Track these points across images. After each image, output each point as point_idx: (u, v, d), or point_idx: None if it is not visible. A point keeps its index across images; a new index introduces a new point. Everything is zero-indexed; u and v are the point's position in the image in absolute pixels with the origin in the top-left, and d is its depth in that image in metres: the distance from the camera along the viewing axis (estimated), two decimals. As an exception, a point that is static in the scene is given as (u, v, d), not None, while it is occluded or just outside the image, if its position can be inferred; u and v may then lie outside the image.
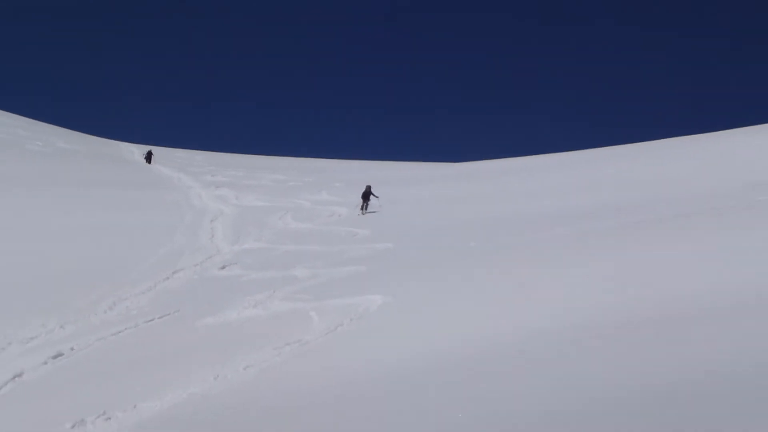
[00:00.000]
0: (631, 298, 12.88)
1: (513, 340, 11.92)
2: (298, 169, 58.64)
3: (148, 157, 62.56)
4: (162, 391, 12.59)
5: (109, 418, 11.55)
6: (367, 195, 37.08)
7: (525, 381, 9.70)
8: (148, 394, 12.51)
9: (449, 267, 20.73)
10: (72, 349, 16.51)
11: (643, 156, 49.08)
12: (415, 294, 17.35)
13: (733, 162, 38.44)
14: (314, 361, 13.51)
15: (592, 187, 36.31)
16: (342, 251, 25.75)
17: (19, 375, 15.02)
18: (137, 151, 69.42)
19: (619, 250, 17.75)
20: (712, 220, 20.03)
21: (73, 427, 11.32)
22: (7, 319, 18.50)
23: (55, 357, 16.02)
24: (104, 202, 37.52)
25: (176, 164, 59.29)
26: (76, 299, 20.66)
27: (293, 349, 14.30)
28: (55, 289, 21.71)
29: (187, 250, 27.92)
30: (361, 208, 36.67)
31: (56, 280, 22.87)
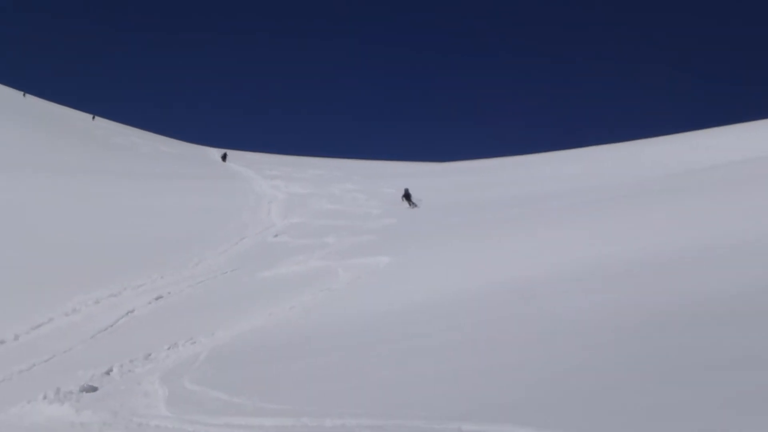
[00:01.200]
0: (577, 257, 12.89)
1: (486, 285, 11.98)
2: (329, 167, 58.51)
3: (224, 157, 62.49)
4: (232, 323, 12.69)
5: (195, 342, 11.65)
6: (408, 196, 32.18)
7: (509, 310, 9.78)
8: (223, 325, 12.61)
9: (437, 237, 20.78)
10: (169, 293, 16.63)
11: (581, 156, 48.96)
12: (412, 256, 17.41)
13: (639, 163, 38.35)
14: (341, 302, 13.59)
15: (548, 180, 36.22)
16: (360, 225, 25.78)
17: (131, 311, 15.15)
18: (216, 152, 69.38)
19: (555, 224, 17.76)
20: (621, 201, 20.01)
21: (168, 348, 11.42)
22: (123, 273, 18.64)
23: (157, 299, 16.15)
24: (191, 190, 37.57)
25: (243, 162, 59.20)
26: (172, 258, 20.78)
27: (325, 294, 14.38)
28: (157, 252, 21.83)
29: (251, 224, 27.99)
30: (409, 205, 31.58)
31: (158, 245, 22.98)
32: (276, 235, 25.34)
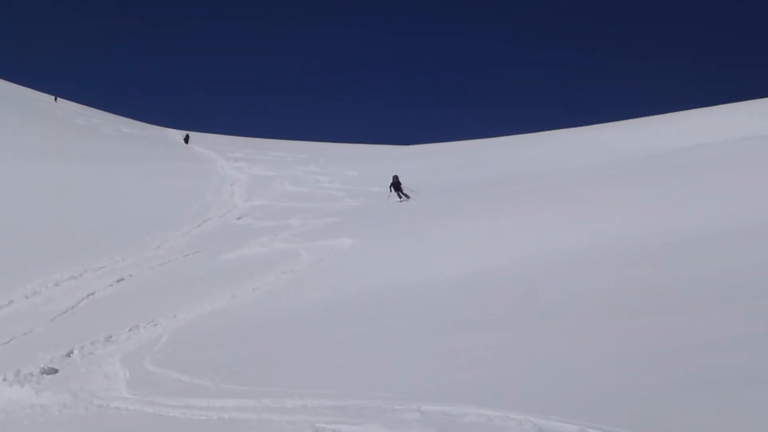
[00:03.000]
0: (547, 242, 12.98)
1: (451, 268, 12.02)
2: (292, 149, 58.24)
3: (186, 139, 61.83)
4: (194, 305, 12.61)
5: (156, 324, 11.57)
6: (398, 185, 27.69)
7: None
8: (184, 307, 12.52)
9: (397, 217, 20.84)
10: (131, 275, 16.47)
11: (541, 141, 49.16)
12: (373, 237, 17.43)
13: (598, 147, 38.61)
14: (303, 284, 13.56)
15: (509, 162, 36.31)
16: (324, 207, 25.74)
17: (93, 293, 14.98)
18: (178, 134, 68.66)
19: (510, 210, 17.88)
20: (583, 185, 20.18)
21: (129, 330, 11.33)
22: (84, 255, 18.41)
23: (118, 281, 15.99)
24: (154, 172, 37.18)
25: (206, 144, 58.66)
26: (134, 240, 20.56)
27: (288, 276, 14.34)
28: (119, 234, 21.59)
29: (214, 205, 27.78)
30: (399, 197, 27.29)
31: (119, 227, 22.73)
32: (239, 217, 25.20)
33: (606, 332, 6.76)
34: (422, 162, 41.31)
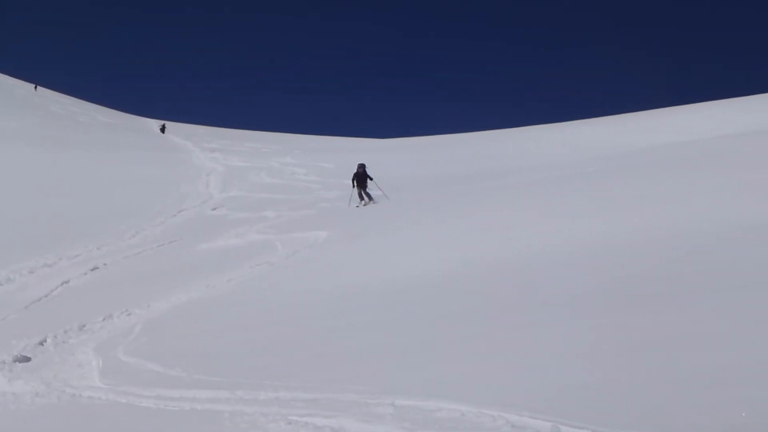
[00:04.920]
0: (511, 237, 12.99)
1: (425, 262, 12.01)
2: (269, 140, 58.07)
3: (162, 129, 61.54)
4: (168, 295, 12.52)
5: (130, 314, 11.48)
6: (362, 179, 23.60)
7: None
8: (159, 297, 12.43)
9: (371, 210, 20.81)
10: (105, 264, 16.35)
11: (517, 137, 49.27)
12: (348, 230, 17.38)
13: (577, 144, 38.78)
14: (278, 276, 13.50)
15: (487, 158, 36.38)
16: (299, 199, 25.66)
17: (67, 282, 14.85)
18: (155, 123, 68.23)
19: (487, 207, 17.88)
20: (561, 182, 20.23)
21: (103, 319, 11.23)
22: (59, 243, 18.26)
23: (92, 269, 15.86)
24: (130, 161, 36.95)
25: (183, 134, 58.38)
26: (109, 229, 20.42)
27: (263, 267, 14.27)
28: (94, 222, 21.45)
29: (189, 196, 27.64)
30: (360, 198, 23.36)
31: (95, 215, 22.59)
32: (214, 208, 25.09)
33: (584, 328, 6.78)
34: (398, 156, 41.30)
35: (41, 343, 10.06)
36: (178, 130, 62.41)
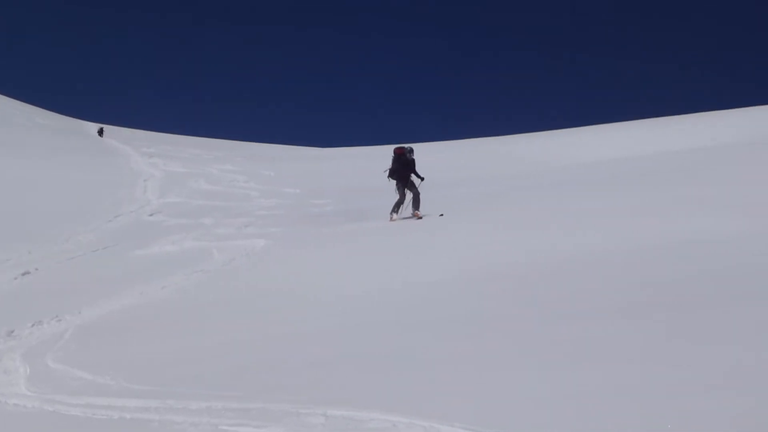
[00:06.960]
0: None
1: (362, 268, 12.03)
2: (209, 146, 57.49)
3: (100, 132, 60.49)
4: (101, 302, 12.28)
5: (60, 320, 11.21)
6: (406, 177, 18.50)
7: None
8: (91, 303, 12.18)
9: (310, 220, 20.73)
10: (36, 269, 15.95)
11: (454, 150, 49.64)
12: (286, 239, 17.31)
13: (511, 159, 39.33)
14: (214, 283, 13.37)
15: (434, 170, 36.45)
16: (238, 207, 25.44)
17: (-5, 286, 14.50)
18: (93, 126, 67.06)
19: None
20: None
21: (32, 326, 10.95)
22: (-12, 246, 17.83)
23: (23, 274, 15.47)
24: (66, 164, 36.21)
25: (121, 138, 57.39)
26: (42, 233, 19.96)
27: (199, 275, 14.10)
28: (27, 226, 20.96)
29: (126, 201, 27.18)
30: (400, 202, 18.39)
31: (27, 219, 22.07)
32: (151, 214, 24.71)
33: (529, 337, 6.87)
34: (338, 164, 41.30)
35: (-33, 349, 9.78)
36: (117, 134, 61.42)
